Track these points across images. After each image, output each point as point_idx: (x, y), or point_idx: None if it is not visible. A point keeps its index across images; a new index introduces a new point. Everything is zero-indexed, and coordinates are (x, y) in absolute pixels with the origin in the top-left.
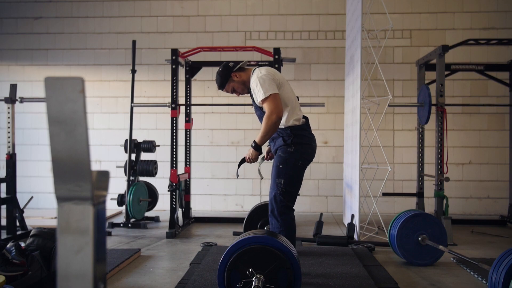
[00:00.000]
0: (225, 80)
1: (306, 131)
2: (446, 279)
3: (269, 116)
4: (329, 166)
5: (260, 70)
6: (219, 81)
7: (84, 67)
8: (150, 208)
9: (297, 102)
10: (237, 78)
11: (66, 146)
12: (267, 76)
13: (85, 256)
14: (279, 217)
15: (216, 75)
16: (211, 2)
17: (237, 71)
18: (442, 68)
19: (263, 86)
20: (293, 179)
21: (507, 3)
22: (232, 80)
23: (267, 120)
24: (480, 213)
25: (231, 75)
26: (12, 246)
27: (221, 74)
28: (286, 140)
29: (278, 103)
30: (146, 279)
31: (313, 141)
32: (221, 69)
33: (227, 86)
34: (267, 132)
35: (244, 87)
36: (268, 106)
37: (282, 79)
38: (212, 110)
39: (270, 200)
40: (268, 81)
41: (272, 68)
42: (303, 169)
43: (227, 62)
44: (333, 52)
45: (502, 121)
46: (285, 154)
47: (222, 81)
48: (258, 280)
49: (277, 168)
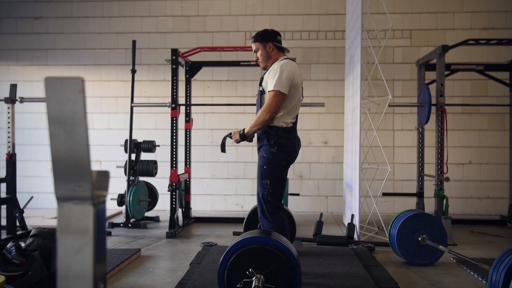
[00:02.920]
0: (261, 39)
1: (291, 134)
2: (446, 279)
3: (264, 111)
4: (329, 166)
5: (288, 64)
6: (258, 34)
7: (84, 67)
8: (150, 208)
9: (297, 109)
10: (269, 48)
11: (66, 146)
12: (289, 73)
13: (85, 256)
14: (270, 217)
15: (262, 30)
16: (211, 2)
17: (275, 45)
18: (442, 68)
19: (279, 78)
20: (278, 179)
21: (507, 3)
22: (264, 45)
23: (260, 115)
24: (480, 213)
25: (268, 41)
26: (12, 246)
27: (264, 33)
28: (269, 140)
29: (278, 104)
30: (146, 279)
31: (297, 145)
32: (270, 31)
33: (258, 44)
34: (256, 125)
35: (266, 61)
36: (268, 101)
37: (299, 83)
38: (212, 110)
39: (259, 201)
40: (285, 78)
41: (298, 68)
42: (286, 168)
43: (278, 32)
44: (333, 52)
45: (502, 121)
46: (268, 155)
47: (260, 37)
48: (258, 280)
49: (261, 169)
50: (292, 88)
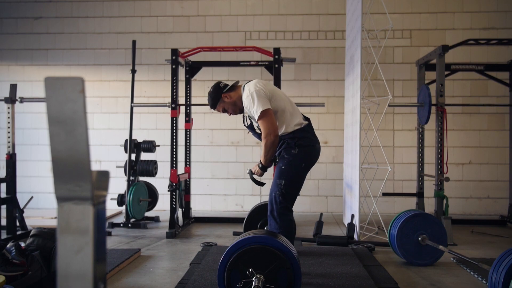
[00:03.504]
0: (215, 101)
1: (309, 133)
2: (446, 279)
3: (266, 136)
4: (329, 166)
5: (249, 87)
6: (210, 102)
7: (84, 67)
8: (150, 208)
9: (294, 107)
10: (227, 99)
11: (66, 146)
12: (257, 92)
13: (85, 256)
14: (278, 218)
15: (208, 96)
16: (211, 2)
17: (228, 92)
18: (442, 68)
19: (256, 101)
20: (294, 181)
21: (507, 3)
22: (222, 101)
23: (265, 141)
24: (480, 213)
25: (221, 96)
26: (12, 246)
27: (212, 95)
28: (289, 143)
29: (272, 121)
30: (146, 279)
31: (316, 143)
32: (211, 90)
33: (218, 106)
34: (268, 152)
35: (236, 108)
36: (263, 125)
37: (272, 89)
38: (212, 110)
39: (270, 200)
40: (258, 97)
41: (260, 80)
42: (305, 171)
43: (218, 82)
44: (333, 52)
45: (502, 121)
46: (288, 156)
47: (212, 102)
48: (258, 280)
49: (280, 169)
50: (270, 98)
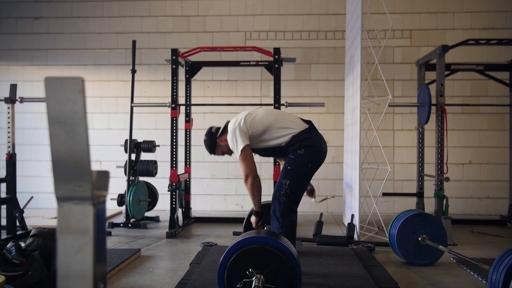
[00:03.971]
0: (212, 147)
1: (312, 134)
2: (446, 279)
3: (245, 180)
4: (329, 166)
5: (230, 127)
6: (208, 150)
7: (84, 67)
8: (150, 208)
9: (285, 119)
10: (223, 142)
11: (66, 146)
12: (234, 131)
13: (85, 256)
14: (280, 218)
15: (204, 144)
16: (211, 2)
17: (221, 135)
18: (442, 68)
19: (235, 143)
20: (299, 182)
21: (507, 3)
22: (219, 146)
23: (246, 185)
24: (480, 213)
25: (216, 141)
26: (12, 246)
27: (208, 143)
28: (294, 145)
29: (247, 162)
30: (146, 279)
31: (322, 142)
32: (206, 138)
33: (217, 152)
34: (254, 195)
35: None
36: (241, 168)
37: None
38: (212, 110)
39: (273, 200)
40: (234, 138)
41: (242, 113)
42: (312, 171)
43: (210, 128)
44: (333, 52)
45: (502, 121)
46: (294, 156)
47: (210, 149)
48: (258, 280)
49: (285, 169)
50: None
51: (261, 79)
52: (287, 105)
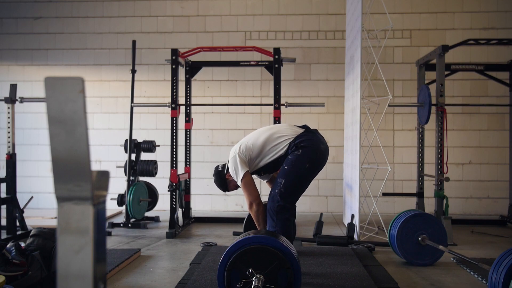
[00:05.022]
0: (224, 185)
1: (308, 136)
2: (446, 279)
3: (250, 208)
4: (329, 166)
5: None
6: (220, 188)
7: (84, 67)
8: (150, 208)
9: (276, 130)
10: (231, 177)
11: (66, 146)
12: (233, 159)
13: (85, 256)
14: (274, 216)
15: (215, 184)
16: (211, 2)
17: (228, 171)
18: (442, 68)
19: (237, 172)
20: (295, 181)
21: (507, 3)
22: (229, 182)
23: (251, 212)
24: (480, 213)
25: (226, 178)
26: (12, 246)
27: (218, 182)
28: (292, 148)
29: (250, 190)
30: (146, 279)
31: (320, 143)
32: (215, 178)
33: (229, 188)
34: (259, 222)
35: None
36: (245, 195)
37: (247, 140)
38: (212, 110)
39: (269, 198)
40: (234, 169)
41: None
42: (310, 172)
43: (216, 166)
44: (333, 52)
45: (502, 121)
46: (292, 157)
47: (222, 188)
48: (258, 280)
49: (282, 169)
50: (247, 154)
51: (261, 79)
52: (287, 105)
